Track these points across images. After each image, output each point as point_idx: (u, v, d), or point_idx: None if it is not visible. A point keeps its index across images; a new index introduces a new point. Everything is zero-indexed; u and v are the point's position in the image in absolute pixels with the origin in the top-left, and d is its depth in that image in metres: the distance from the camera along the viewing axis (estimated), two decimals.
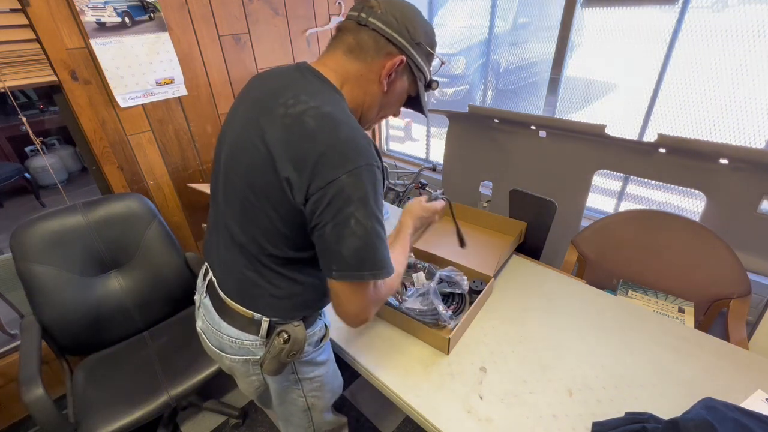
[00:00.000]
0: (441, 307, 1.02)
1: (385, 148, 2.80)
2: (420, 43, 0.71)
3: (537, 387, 0.89)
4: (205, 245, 0.89)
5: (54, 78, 1.32)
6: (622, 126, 1.62)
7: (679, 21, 1.36)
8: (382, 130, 2.73)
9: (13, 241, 1.23)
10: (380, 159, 0.66)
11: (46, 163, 3.45)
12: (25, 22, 1.23)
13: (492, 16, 1.91)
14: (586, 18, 1.58)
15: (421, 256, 1.29)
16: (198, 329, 0.90)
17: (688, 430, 0.67)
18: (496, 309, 1.12)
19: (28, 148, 3.56)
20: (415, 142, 2.93)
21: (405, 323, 1.04)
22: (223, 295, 0.80)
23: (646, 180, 1.47)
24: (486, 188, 1.82)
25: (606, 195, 1.83)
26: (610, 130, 1.30)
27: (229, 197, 0.73)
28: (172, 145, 1.70)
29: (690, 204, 1.60)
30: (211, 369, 1.29)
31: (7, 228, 1.37)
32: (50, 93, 1.38)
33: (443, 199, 1.00)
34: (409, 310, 1.05)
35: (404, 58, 0.70)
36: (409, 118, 3.01)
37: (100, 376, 1.29)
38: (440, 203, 0.97)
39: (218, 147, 0.79)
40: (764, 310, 1.34)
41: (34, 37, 1.26)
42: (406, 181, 2.27)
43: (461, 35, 2.20)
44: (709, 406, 0.74)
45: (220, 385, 1.72)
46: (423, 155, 2.60)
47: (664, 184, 1.37)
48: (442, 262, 1.23)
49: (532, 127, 1.49)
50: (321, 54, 0.75)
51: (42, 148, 1.58)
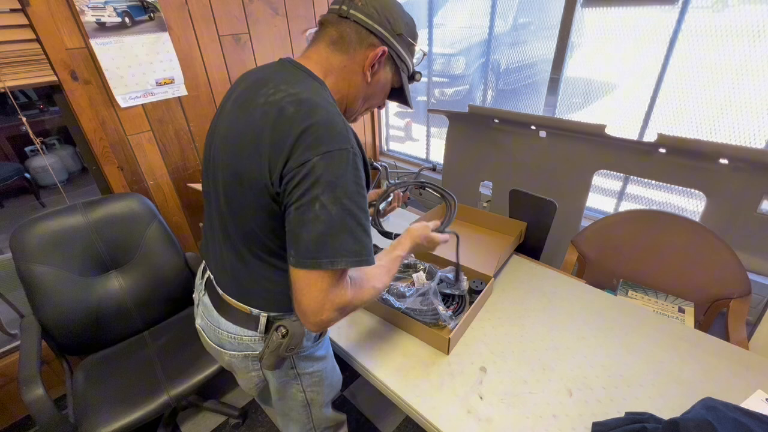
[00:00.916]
0: (441, 307, 1.02)
1: (385, 148, 2.80)
2: (401, 34, 0.72)
3: (537, 387, 0.89)
4: (202, 243, 0.90)
5: (54, 78, 1.32)
6: (622, 126, 1.62)
7: (679, 21, 1.36)
8: (382, 130, 2.73)
9: (13, 241, 1.23)
10: (360, 147, 0.65)
11: (46, 163, 3.45)
12: (25, 22, 1.23)
13: (492, 16, 1.91)
14: (586, 18, 1.58)
15: (421, 256, 1.29)
16: (197, 327, 0.91)
17: (688, 430, 0.67)
18: (496, 309, 1.12)
19: (28, 148, 3.56)
20: (415, 142, 2.93)
21: (405, 323, 1.04)
22: (220, 291, 0.81)
23: (646, 180, 1.47)
24: (486, 188, 1.82)
25: (606, 195, 1.83)
26: (610, 130, 1.29)
27: (219, 192, 0.74)
28: (172, 145, 1.70)
29: (690, 204, 1.60)
30: (211, 369, 1.29)
31: (7, 228, 1.37)
32: (50, 93, 1.38)
33: (451, 233, 1.00)
34: (409, 310, 1.05)
35: (386, 49, 0.71)
36: (408, 118, 3.00)
37: (100, 376, 1.29)
38: (444, 236, 0.94)
39: (207, 144, 0.80)
40: (764, 310, 1.34)
41: (34, 37, 1.26)
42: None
43: (461, 35, 2.20)
44: (709, 406, 0.74)
45: (220, 385, 1.72)
46: (423, 155, 2.60)
47: (664, 184, 1.37)
48: (442, 262, 1.23)
49: (532, 127, 1.49)
50: (305, 49, 0.75)
51: (42, 148, 1.58)
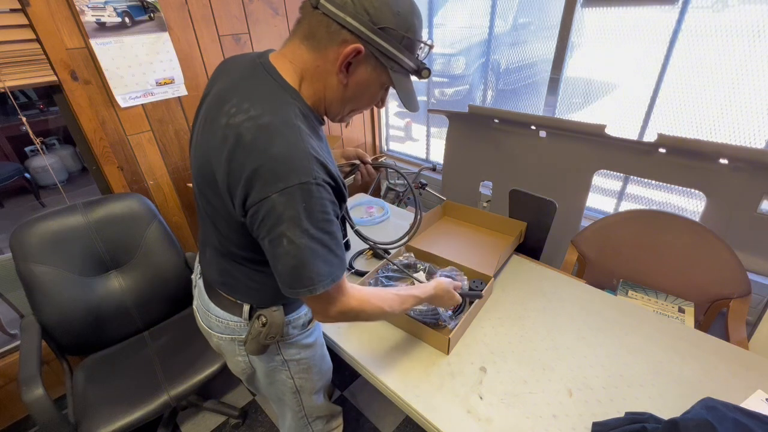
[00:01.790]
0: (441, 308, 1.02)
1: (385, 148, 2.80)
2: (385, 28, 0.60)
3: (537, 387, 0.89)
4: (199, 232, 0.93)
5: (54, 78, 1.32)
6: (622, 126, 1.62)
7: (679, 21, 1.36)
8: (382, 130, 2.73)
9: (13, 241, 1.23)
10: (329, 173, 0.62)
11: (46, 163, 3.45)
12: (25, 22, 1.23)
13: (492, 16, 1.91)
14: (586, 18, 1.58)
15: (421, 256, 1.29)
16: (193, 307, 0.95)
17: (688, 430, 0.67)
18: (496, 309, 1.12)
19: (28, 148, 3.56)
20: (415, 142, 2.93)
21: (405, 323, 1.04)
22: (210, 280, 0.84)
23: (646, 180, 1.47)
24: (486, 188, 1.82)
25: (606, 195, 1.83)
26: (610, 130, 1.30)
27: (199, 199, 0.75)
28: (172, 145, 1.70)
29: (690, 204, 1.60)
30: (211, 369, 1.29)
31: (7, 228, 1.37)
32: (50, 93, 1.38)
33: (479, 296, 1.05)
34: (410, 310, 1.05)
35: (360, 46, 0.60)
36: (408, 118, 3.00)
37: (100, 376, 1.29)
38: (459, 299, 0.98)
39: (189, 145, 0.80)
40: (764, 310, 1.34)
41: (34, 37, 1.26)
42: (406, 181, 2.27)
43: (461, 35, 2.20)
44: (709, 406, 0.74)
45: (220, 385, 1.72)
46: (423, 155, 2.60)
47: (664, 184, 1.37)
48: (442, 262, 1.23)
49: (532, 127, 1.49)
50: (284, 42, 0.68)
51: (42, 148, 1.58)
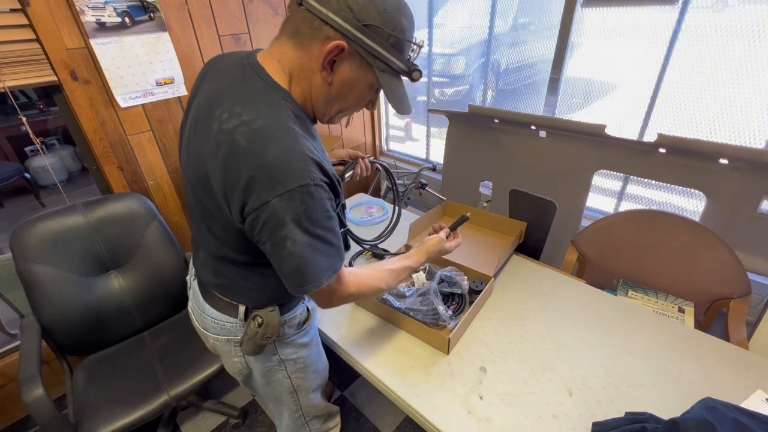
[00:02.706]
0: (441, 307, 1.02)
1: (385, 148, 2.80)
2: (370, 25, 0.59)
3: (537, 387, 0.89)
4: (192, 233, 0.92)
5: (54, 78, 1.32)
6: (622, 126, 1.62)
7: (679, 21, 1.36)
8: (382, 130, 2.73)
9: (13, 241, 1.23)
10: (324, 172, 0.62)
11: (46, 163, 3.45)
12: (25, 22, 1.23)
13: (492, 16, 1.91)
14: (586, 18, 1.58)
15: None
16: (188, 308, 0.95)
17: (688, 430, 0.67)
18: (496, 309, 1.12)
19: (28, 148, 3.56)
20: (415, 142, 2.93)
21: (405, 323, 1.04)
22: (205, 281, 0.84)
23: (646, 180, 1.47)
24: (486, 188, 1.82)
25: (606, 195, 1.83)
26: (610, 130, 1.30)
27: (192, 201, 0.75)
28: (173, 145, 1.69)
29: (690, 204, 1.60)
30: (211, 369, 1.29)
31: (7, 228, 1.37)
32: (50, 93, 1.38)
33: (465, 219, 1.05)
34: (409, 310, 1.05)
35: (342, 43, 0.59)
36: (408, 118, 3.00)
37: (100, 376, 1.29)
38: (455, 243, 1.01)
39: (179, 148, 0.79)
40: (764, 310, 1.34)
41: (34, 37, 1.26)
42: (406, 181, 2.27)
43: (461, 35, 2.20)
44: (709, 406, 0.74)
45: (220, 385, 1.72)
46: (423, 155, 2.60)
47: (664, 184, 1.37)
48: (442, 262, 1.23)
49: (532, 127, 1.49)
50: (272, 40, 0.67)
51: (42, 148, 1.58)
